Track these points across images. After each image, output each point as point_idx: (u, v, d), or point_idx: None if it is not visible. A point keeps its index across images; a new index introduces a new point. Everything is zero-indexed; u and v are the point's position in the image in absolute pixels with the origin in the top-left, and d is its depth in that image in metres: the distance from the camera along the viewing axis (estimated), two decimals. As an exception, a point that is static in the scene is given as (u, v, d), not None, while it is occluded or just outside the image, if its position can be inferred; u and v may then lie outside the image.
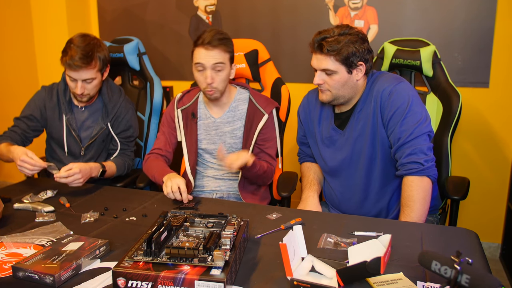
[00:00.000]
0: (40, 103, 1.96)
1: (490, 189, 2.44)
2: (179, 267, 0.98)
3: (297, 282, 0.96)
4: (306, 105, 1.81)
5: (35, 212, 1.49)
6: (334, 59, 1.51)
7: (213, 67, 1.66)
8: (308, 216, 1.45)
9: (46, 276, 1.02)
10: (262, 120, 1.79)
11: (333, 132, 1.68)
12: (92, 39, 1.85)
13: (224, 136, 1.82)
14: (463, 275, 0.83)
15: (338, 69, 1.52)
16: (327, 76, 1.55)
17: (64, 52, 1.81)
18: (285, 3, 2.64)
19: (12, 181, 3.56)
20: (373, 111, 1.57)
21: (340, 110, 1.68)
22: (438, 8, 2.35)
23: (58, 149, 2.01)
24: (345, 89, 1.57)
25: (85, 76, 1.81)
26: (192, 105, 1.86)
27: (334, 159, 1.69)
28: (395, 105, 1.51)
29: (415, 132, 1.49)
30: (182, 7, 2.93)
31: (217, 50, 1.66)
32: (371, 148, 1.60)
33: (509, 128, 2.36)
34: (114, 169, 1.93)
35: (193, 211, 1.36)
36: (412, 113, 1.50)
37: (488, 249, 2.51)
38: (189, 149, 1.84)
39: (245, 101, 1.83)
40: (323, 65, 1.53)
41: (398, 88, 1.53)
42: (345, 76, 1.54)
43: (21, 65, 3.49)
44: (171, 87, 2.98)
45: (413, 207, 1.48)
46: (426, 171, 1.48)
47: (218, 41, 1.66)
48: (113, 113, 1.97)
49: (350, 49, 1.50)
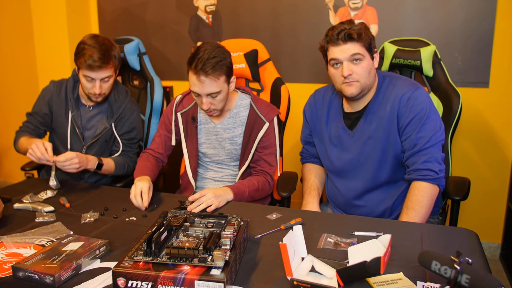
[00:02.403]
0: (48, 97, 1.98)
1: (490, 189, 2.44)
2: (179, 267, 0.98)
3: (297, 282, 0.96)
4: (313, 103, 1.80)
5: (35, 212, 1.49)
6: (361, 45, 1.53)
7: (208, 95, 1.61)
8: (308, 216, 1.45)
9: (46, 276, 1.02)
10: (263, 128, 1.75)
11: (342, 132, 1.67)
12: (104, 39, 1.87)
13: (224, 142, 1.80)
14: (463, 275, 0.83)
15: (365, 54, 1.54)
16: (355, 65, 1.54)
17: (79, 53, 1.82)
18: (285, 3, 2.64)
19: (12, 181, 3.56)
20: (389, 115, 1.56)
21: (350, 109, 1.67)
22: (438, 8, 2.35)
23: (60, 145, 2.02)
24: (370, 78, 1.57)
25: (103, 75, 1.83)
26: (192, 109, 1.84)
27: (340, 159, 1.69)
28: (413, 111, 1.52)
29: (432, 140, 1.51)
30: (182, 7, 2.93)
31: (211, 78, 1.57)
32: (382, 151, 1.59)
33: (509, 128, 2.36)
34: (113, 166, 1.93)
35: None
36: (430, 121, 1.52)
37: (488, 249, 2.51)
38: (189, 153, 1.83)
39: (246, 108, 1.80)
40: (353, 50, 1.52)
41: (416, 94, 1.54)
42: (370, 62, 1.56)
43: (21, 65, 3.49)
44: (171, 87, 2.98)
45: (420, 211, 1.49)
46: (439, 180, 1.51)
47: (211, 68, 1.55)
48: (117, 113, 1.98)
49: (369, 35, 1.55)
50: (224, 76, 1.62)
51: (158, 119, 2.37)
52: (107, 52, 1.81)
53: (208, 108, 1.65)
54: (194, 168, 1.84)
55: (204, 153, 1.84)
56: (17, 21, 3.40)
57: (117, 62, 1.90)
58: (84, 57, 1.78)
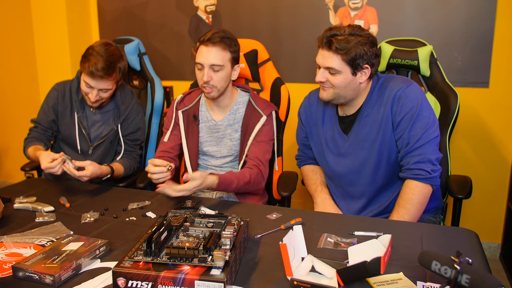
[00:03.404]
0: (52, 103, 1.98)
1: (490, 189, 2.44)
2: (179, 267, 0.98)
3: (297, 282, 0.96)
4: (307, 106, 1.78)
5: (35, 212, 1.49)
6: (340, 58, 1.47)
7: (211, 67, 1.65)
8: (308, 216, 1.45)
9: (46, 276, 1.02)
10: (260, 121, 1.76)
11: (338, 136, 1.66)
12: (115, 49, 1.86)
13: (224, 138, 1.81)
14: (463, 275, 0.83)
15: (343, 69, 1.49)
16: (330, 75, 1.52)
17: (85, 57, 1.81)
18: (285, 3, 2.64)
19: (12, 181, 3.56)
20: (383, 116, 1.54)
21: (344, 113, 1.66)
22: (438, 8, 2.35)
23: (67, 147, 2.02)
24: (347, 90, 1.54)
25: (102, 86, 1.82)
26: (194, 107, 1.85)
27: (337, 163, 1.67)
28: (404, 109, 1.50)
29: (423, 138, 1.48)
30: (182, 7, 2.93)
31: (217, 48, 1.64)
32: (378, 154, 1.57)
33: (509, 128, 2.36)
34: (121, 173, 1.94)
35: (193, 211, 1.36)
36: (421, 118, 1.49)
37: (488, 249, 2.51)
38: (190, 151, 1.83)
39: (245, 104, 1.81)
40: (328, 63, 1.50)
41: (407, 91, 1.51)
42: (348, 77, 1.51)
43: (21, 65, 3.49)
44: (171, 87, 2.98)
45: (410, 209, 1.49)
46: (431, 180, 1.48)
47: (219, 39, 1.64)
48: (124, 114, 1.98)
49: (358, 50, 1.46)
50: (230, 54, 1.68)
51: (159, 119, 2.37)
52: (112, 63, 1.80)
53: (207, 82, 1.66)
54: (194, 168, 1.84)
55: (205, 152, 1.84)
56: (17, 21, 3.40)
57: (120, 75, 1.89)
58: (88, 63, 1.77)
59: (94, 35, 3.25)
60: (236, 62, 1.73)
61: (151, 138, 2.36)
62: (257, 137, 1.77)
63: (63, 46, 3.07)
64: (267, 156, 1.78)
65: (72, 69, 3.05)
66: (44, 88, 3.03)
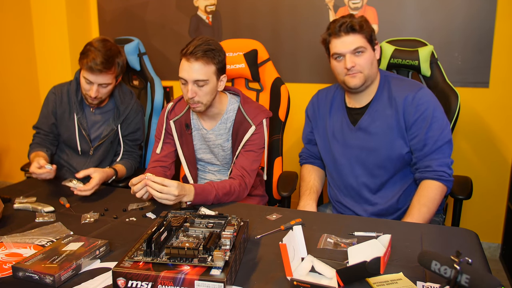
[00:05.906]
0: (51, 107, 1.99)
1: (490, 189, 2.44)
2: (179, 267, 0.98)
3: (297, 282, 0.96)
4: (315, 102, 1.82)
5: (35, 212, 1.50)
6: (363, 36, 1.55)
7: (195, 82, 1.56)
8: (308, 216, 1.45)
9: (46, 276, 1.02)
10: (248, 132, 1.68)
11: (346, 127, 1.68)
12: (112, 45, 1.87)
13: (216, 148, 1.77)
14: (463, 275, 0.83)
15: (367, 46, 1.56)
16: (357, 57, 1.56)
17: (83, 54, 1.82)
18: (285, 3, 2.64)
19: (12, 181, 3.56)
20: (395, 116, 1.58)
21: (352, 104, 1.68)
22: (438, 8, 2.35)
23: (67, 149, 2.02)
24: (372, 69, 1.59)
25: (102, 80, 1.83)
26: (185, 116, 1.77)
27: (343, 154, 1.69)
28: (419, 111, 1.54)
29: (441, 139, 1.54)
30: (182, 7, 2.93)
31: (200, 63, 1.53)
32: (386, 149, 1.60)
33: (509, 128, 2.36)
34: (124, 174, 1.95)
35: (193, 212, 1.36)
36: (437, 120, 1.54)
37: (488, 249, 2.51)
38: (187, 160, 1.80)
39: (235, 112, 1.74)
40: (354, 44, 1.54)
41: (420, 94, 1.56)
42: (372, 54, 1.58)
43: (21, 65, 3.49)
44: (171, 87, 2.99)
45: (431, 209, 1.52)
46: (450, 182, 1.55)
47: (201, 53, 1.53)
48: (124, 114, 1.98)
49: (370, 27, 1.57)
50: (214, 66, 1.57)
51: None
52: (111, 58, 1.81)
53: (192, 98, 1.58)
54: (194, 174, 1.82)
55: (200, 158, 1.82)
56: (17, 21, 3.40)
57: (119, 70, 1.89)
58: (87, 59, 1.78)
59: (94, 35, 3.25)
60: (222, 73, 1.63)
61: (151, 138, 2.36)
62: (246, 146, 1.70)
63: (63, 46, 3.07)
64: (255, 165, 1.70)
65: (72, 69, 3.04)
66: (44, 88, 3.03)
